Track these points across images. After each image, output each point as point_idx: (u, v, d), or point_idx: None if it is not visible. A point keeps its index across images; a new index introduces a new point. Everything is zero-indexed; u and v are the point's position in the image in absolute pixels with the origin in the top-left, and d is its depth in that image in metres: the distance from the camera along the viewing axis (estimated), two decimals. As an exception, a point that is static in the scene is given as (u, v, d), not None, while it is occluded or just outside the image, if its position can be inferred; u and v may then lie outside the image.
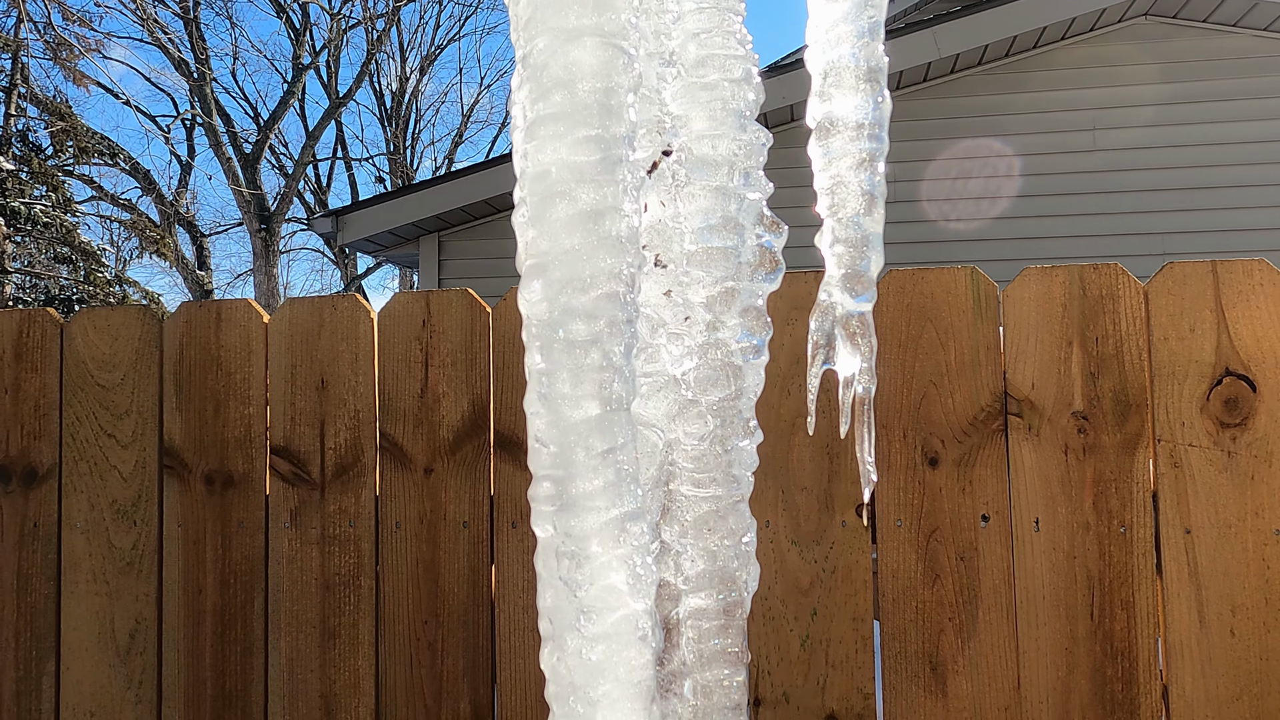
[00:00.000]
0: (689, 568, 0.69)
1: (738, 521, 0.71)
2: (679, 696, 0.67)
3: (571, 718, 0.56)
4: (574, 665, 0.56)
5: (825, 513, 1.54)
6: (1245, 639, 1.43)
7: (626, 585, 0.56)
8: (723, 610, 0.68)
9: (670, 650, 0.68)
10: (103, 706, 1.73)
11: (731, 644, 0.69)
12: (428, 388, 1.67)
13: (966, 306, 1.53)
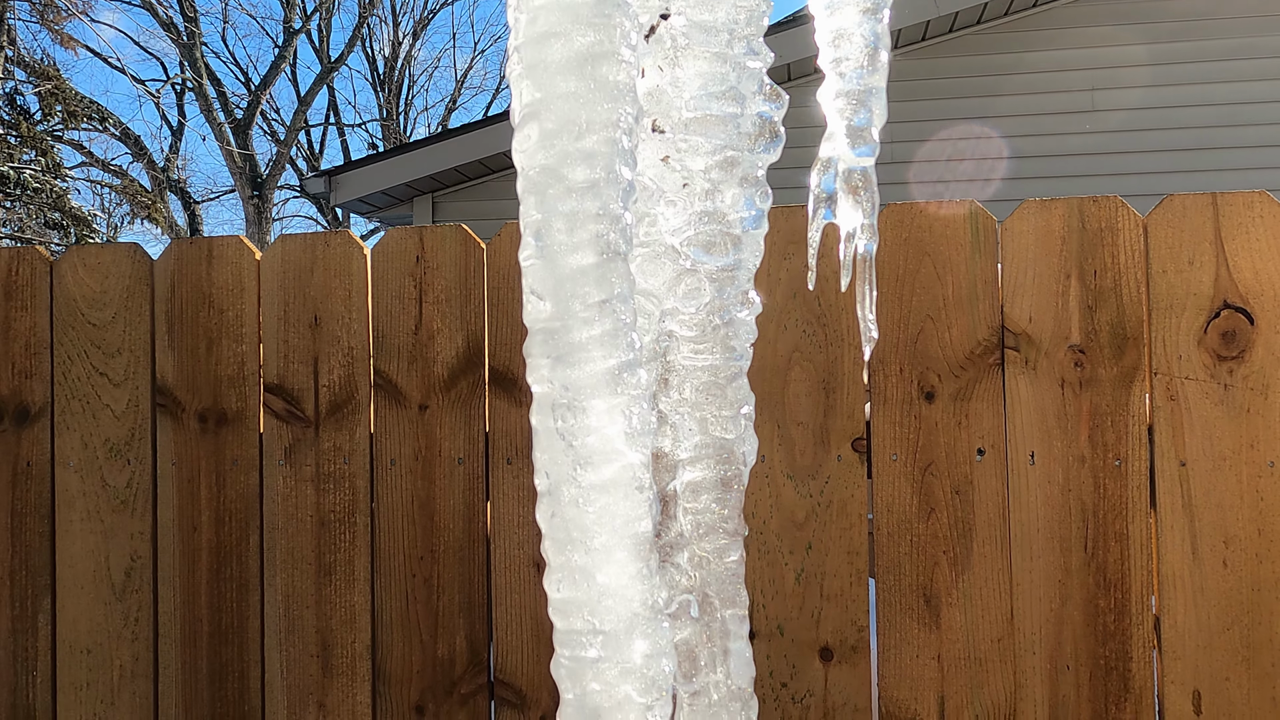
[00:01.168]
0: (686, 440, 0.69)
1: (735, 393, 0.70)
2: (676, 567, 0.67)
3: (569, 569, 0.55)
4: (571, 517, 0.56)
5: (821, 447, 1.54)
6: (1238, 570, 1.44)
7: (623, 436, 0.56)
8: (720, 483, 0.68)
9: (667, 522, 0.68)
10: (99, 644, 1.73)
11: (730, 515, 0.69)
12: (422, 324, 1.66)
13: (965, 240, 1.52)
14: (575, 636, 0.56)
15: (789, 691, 1.53)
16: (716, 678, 0.67)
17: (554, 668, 0.58)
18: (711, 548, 0.68)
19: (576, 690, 0.56)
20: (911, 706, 1.50)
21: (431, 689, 1.63)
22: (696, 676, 0.66)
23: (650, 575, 0.56)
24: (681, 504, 0.68)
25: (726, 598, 0.69)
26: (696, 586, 0.67)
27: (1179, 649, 1.45)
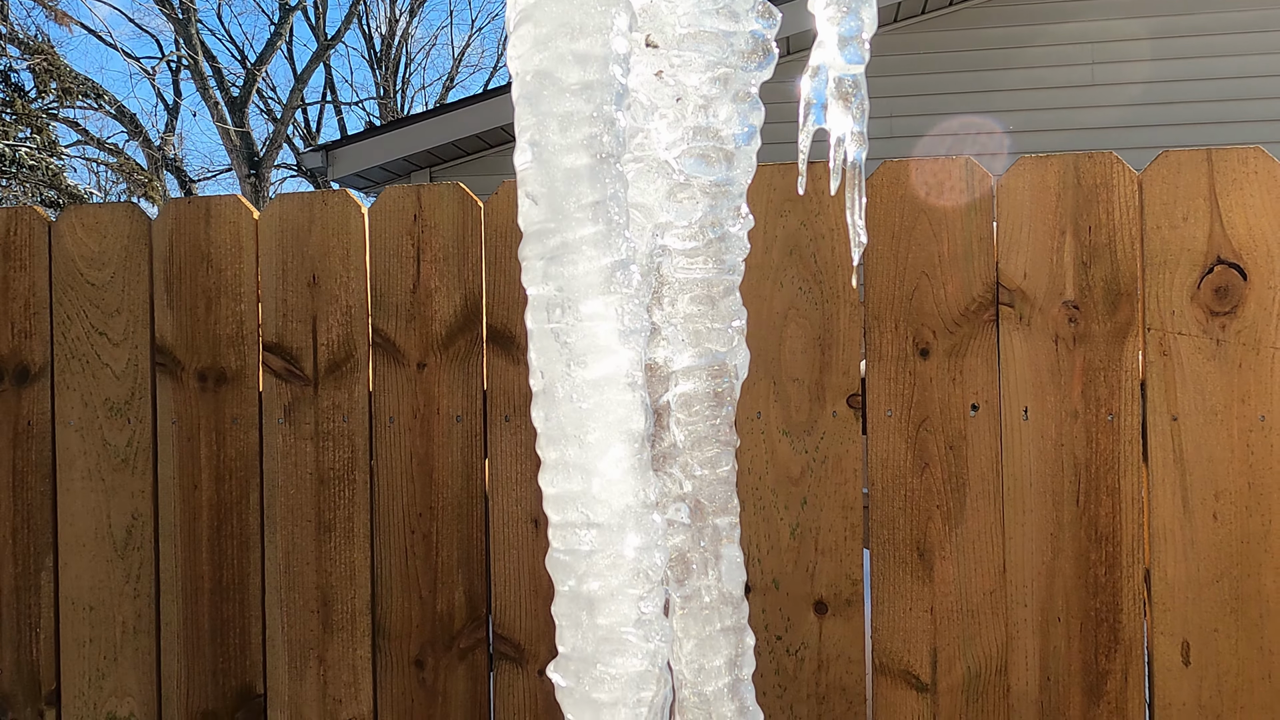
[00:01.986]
0: (679, 353, 0.70)
1: (728, 307, 0.71)
2: (670, 476, 0.68)
3: (564, 464, 0.56)
4: (565, 413, 0.57)
5: (816, 403, 1.55)
6: (1227, 523, 1.45)
7: (616, 334, 0.57)
8: (712, 394, 0.69)
9: (660, 433, 0.69)
10: (102, 600, 1.75)
11: (721, 427, 0.70)
12: (420, 283, 1.66)
13: (960, 197, 1.53)
14: (569, 530, 0.57)
15: (784, 644, 1.55)
16: (708, 581, 0.68)
17: (549, 561, 0.59)
18: (704, 457, 0.69)
19: (570, 583, 0.57)
20: (904, 658, 1.52)
21: (431, 643, 1.65)
22: (689, 580, 0.68)
23: (643, 470, 0.57)
24: (675, 415, 0.69)
25: (719, 505, 0.70)
26: (689, 494, 0.69)
27: (1169, 601, 1.47)
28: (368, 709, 1.67)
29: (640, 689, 0.56)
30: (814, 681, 1.55)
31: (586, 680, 0.56)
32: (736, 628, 0.70)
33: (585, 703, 0.56)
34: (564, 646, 0.58)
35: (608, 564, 0.56)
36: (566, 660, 0.58)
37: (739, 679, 0.70)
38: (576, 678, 0.57)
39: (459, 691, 1.64)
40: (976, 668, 1.51)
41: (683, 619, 0.69)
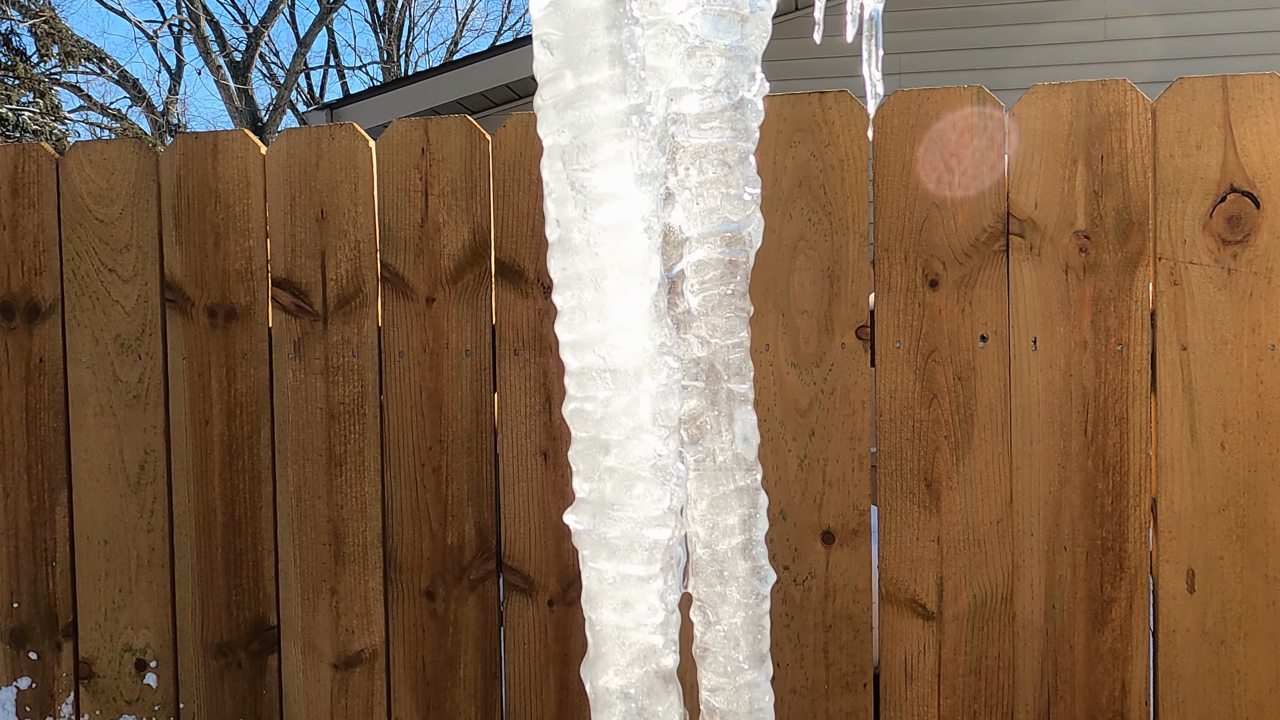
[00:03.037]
0: (694, 220, 0.70)
1: (743, 174, 0.71)
2: (684, 341, 0.68)
3: (581, 308, 0.57)
4: (582, 261, 0.57)
5: (825, 335, 1.55)
6: (1235, 452, 1.46)
7: (633, 178, 0.57)
8: (727, 262, 0.69)
9: (675, 299, 0.69)
10: (116, 535, 1.77)
11: (736, 293, 0.70)
12: (428, 217, 1.66)
13: (971, 127, 1.51)
14: (586, 376, 0.58)
15: (791, 574, 1.57)
16: (722, 443, 0.69)
17: (566, 410, 0.59)
18: (718, 323, 0.69)
19: (589, 430, 0.58)
20: (911, 587, 1.54)
21: (441, 575, 1.67)
22: (702, 440, 0.69)
23: (659, 316, 0.58)
24: (689, 282, 0.70)
25: (733, 370, 0.71)
26: (704, 360, 0.69)
27: (1175, 529, 1.47)
28: (380, 639, 1.69)
29: (655, 530, 0.57)
30: (821, 611, 1.56)
31: (602, 522, 0.57)
32: (750, 488, 0.71)
33: (601, 544, 0.57)
34: (580, 491, 0.59)
35: (624, 407, 0.56)
36: (583, 503, 0.58)
37: (752, 539, 0.71)
38: (592, 519, 0.57)
39: (470, 622, 1.67)
40: (982, 596, 1.52)
41: (697, 479, 0.70)
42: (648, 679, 0.58)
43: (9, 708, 1.82)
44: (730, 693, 0.69)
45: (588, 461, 0.58)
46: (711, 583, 0.70)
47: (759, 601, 0.71)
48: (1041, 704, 1.51)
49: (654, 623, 0.59)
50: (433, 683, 1.68)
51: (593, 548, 0.58)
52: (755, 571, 0.70)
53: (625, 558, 0.57)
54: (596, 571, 0.59)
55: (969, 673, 1.53)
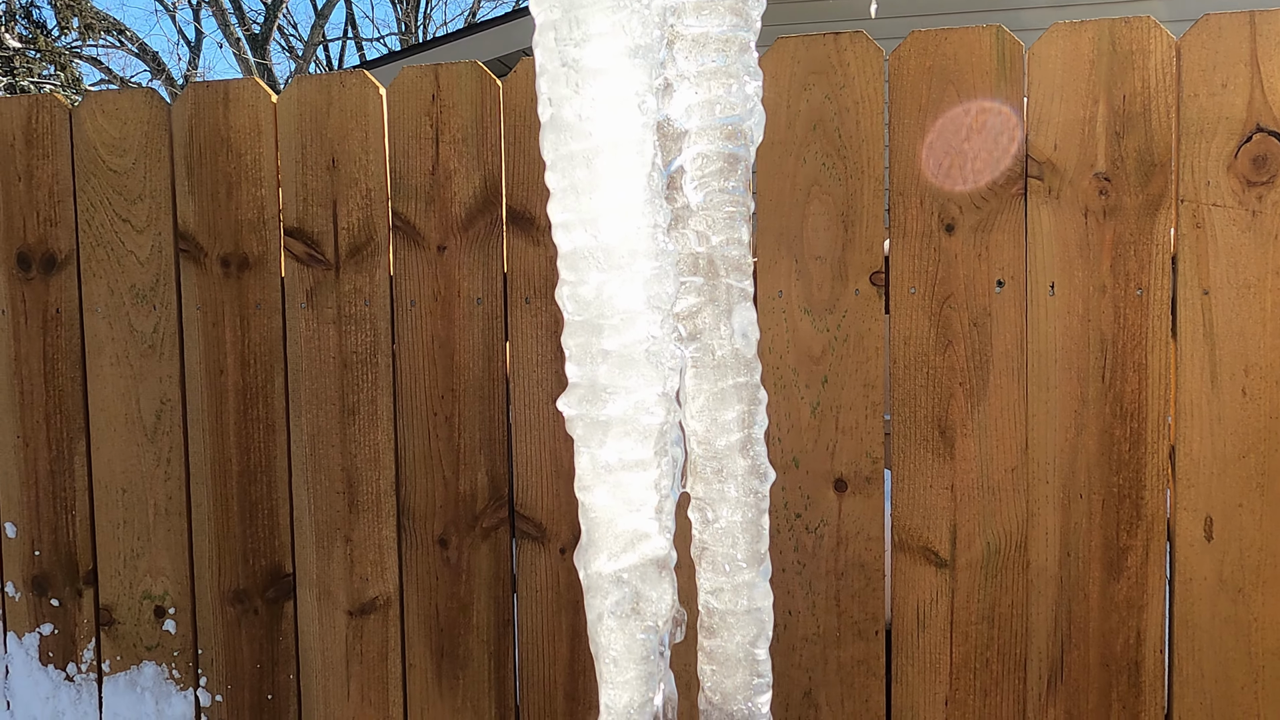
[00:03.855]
0: (692, 112, 0.68)
1: (744, 64, 0.69)
2: (682, 236, 0.67)
3: (573, 189, 0.56)
4: (574, 139, 0.56)
5: (839, 281, 1.54)
6: (1256, 398, 1.43)
7: (625, 50, 0.55)
8: (727, 156, 0.68)
9: (673, 194, 0.68)
10: (134, 483, 1.79)
11: (737, 188, 0.69)
12: (439, 164, 1.65)
13: (990, 67, 1.48)
14: (578, 257, 0.57)
15: (803, 522, 1.56)
16: (720, 337, 0.68)
17: (558, 292, 0.58)
18: (719, 217, 0.68)
19: (582, 313, 0.57)
20: (924, 535, 1.53)
21: (454, 523, 1.68)
22: (700, 336, 0.68)
23: (654, 197, 0.56)
24: (688, 176, 0.68)
25: (731, 265, 0.69)
26: (702, 255, 0.68)
27: (1193, 476, 1.45)
28: (394, 587, 1.70)
29: (649, 414, 0.56)
30: (833, 558, 1.56)
31: (595, 405, 0.56)
32: (748, 385, 0.70)
33: (593, 426, 0.56)
34: (573, 375, 0.58)
35: (617, 289, 0.55)
36: (575, 388, 0.58)
37: (751, 437, 0.70)
38: (585, 404, 0.57)
39: (482, 569, 1.67)
40: (996, 544, 1.51)
41: (695, 375, 0.69)
42: (642, 565, 0.58)
43: (32, 653, 1.85)
44: (729, 593, 0.68)
45: (581, 345, 0.57)
46: (709, 480, 0.69)
47: (758, 500, 0.70)
48: (1055, 652, 1.50)
49: (648, 508, 0.58)
50: (446, 630, 1.69)
51: (585, 431, 0.58)
52: (754, 470, 0.70)
53: (619, 441, 0.57)
54: (589, 455, 0.58)
55: (982, 620, 1.52)
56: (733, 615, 0.68)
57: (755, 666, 0.68)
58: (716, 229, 0.67)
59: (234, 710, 1.77)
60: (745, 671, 0.67)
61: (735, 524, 0.69)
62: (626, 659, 0.57)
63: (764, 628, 0.69)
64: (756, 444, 0.70)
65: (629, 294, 0.55)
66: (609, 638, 0.58)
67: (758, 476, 0.70)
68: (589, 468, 0.58)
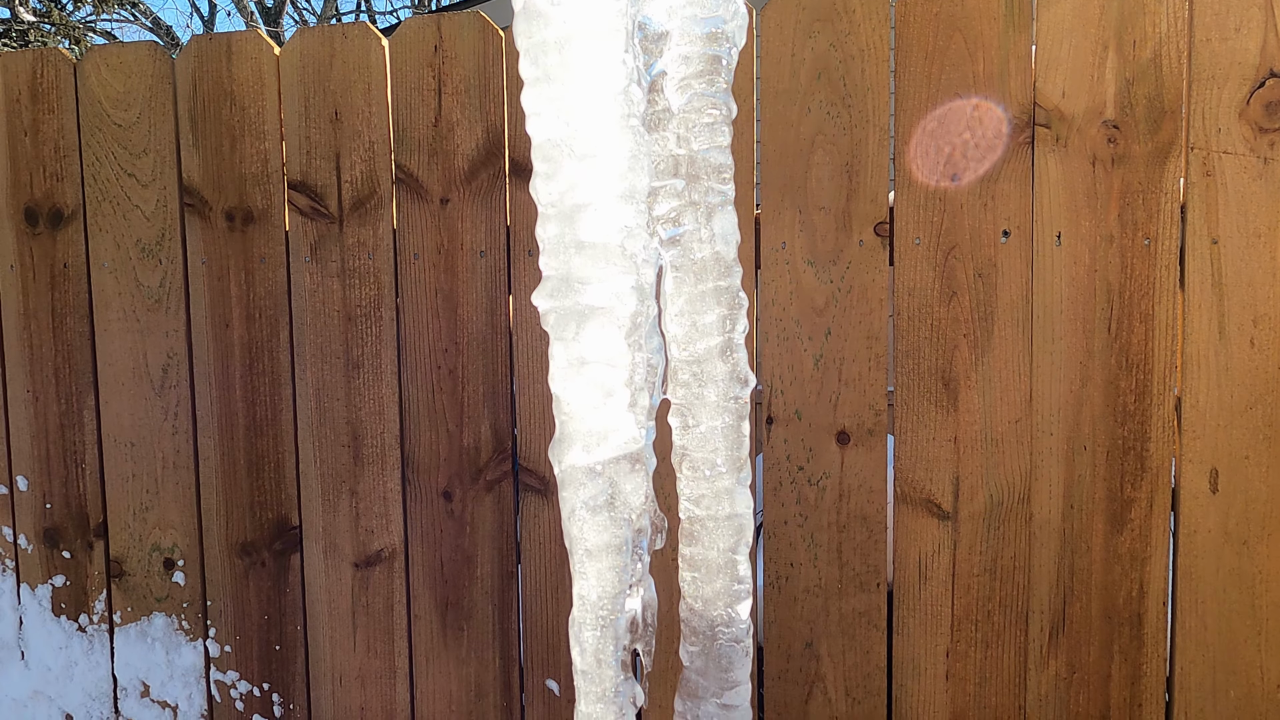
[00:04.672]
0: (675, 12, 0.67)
1: None
2: (663, 138, 0.67)
3: (547, 74, 0.55)
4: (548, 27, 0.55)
5: (843, 232, 1.52)
6: (1264, 349, 1.42)
7: None
8: (709, 59, 0.67)
9: (655, 95, 0.67)
10: (142, 437, 1.80)
11: (719, 90, 0.68)
12: (441, 116, 1.64)
13: (998, 13, 1.46)
14: (552, 147, 0.56)
15: (805, 474, 1.56)
16: (700, 239, 0.67)
17: (531, 184, 0.58)
18: (700, 123, 0.67)
19: (556, 204, 0.57)
20: (926, 487, 1.52)
21: (458, 475, 1.69)
22: (681, 240, 0.67)
23: (629, 85, 0.56)
24: (670, 79, 0.67)
25: (713, 170, 0.69)
26: (683, 157, 0.67)
27: (1199, 428, 1.44)
28: (399, 539, 1.71)
29: (623, 302, 0.56)
30: (835, 511, 1.56)
31: (568, 296, 0.56)
32: (729, 289, 0.70)
33: (567, 317, 0.56)
34: (547, 268, 0.58)
35: (591, 177, 0.55)
36: (548, 280, 0.58)
37: (731, 342, 0.70)
38: (559, 295, 0.57)
39: (486, 522, 1.68)
40: (999, 496, 1.50)
41: (675, 278, 0.69)
42: (616, 458, 0.58)
43: (45, 604, 1.88)
44: (709, 499, 0.68)
45: (555, 237, 0.57)
46: (689, 385, 0.69)
47: (738, 406, 0.70)
48: (1057, 604, 1.50)
49: (622, 401, 0.58)
50: (450, 581, 1.70)
51: (559, 323, 0.58)
52: (734, 375, 0.69)
53: (592, 333, 0.56)
54: (563, 348, 0.58)
55: (984, 573, 1.52)
56: (713, 521, 0.68)
57: (735, 572, 0.68)
58: (698, 133, 0.67)
59: (242, 660, 1.80)
60: (725, 577, 0.68)
61: (715, 429, 0.69)
62: (601, 550, 0.57)
63: (744, 534, 0.69)
64: (737, 350, 0.70)
65: (603, 184, 0.55)
66: (582, 529, 0.58)
67: (738, 382, 0.69)
68: (563, 361, 0.58)
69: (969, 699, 1.53)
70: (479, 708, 1.71)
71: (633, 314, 0.57)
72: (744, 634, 0.69)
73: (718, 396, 0.68)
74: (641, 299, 0.58)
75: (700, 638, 0.68)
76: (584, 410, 0.58)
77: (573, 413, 0.58)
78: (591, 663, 0.58)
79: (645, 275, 0.58)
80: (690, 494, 0.70)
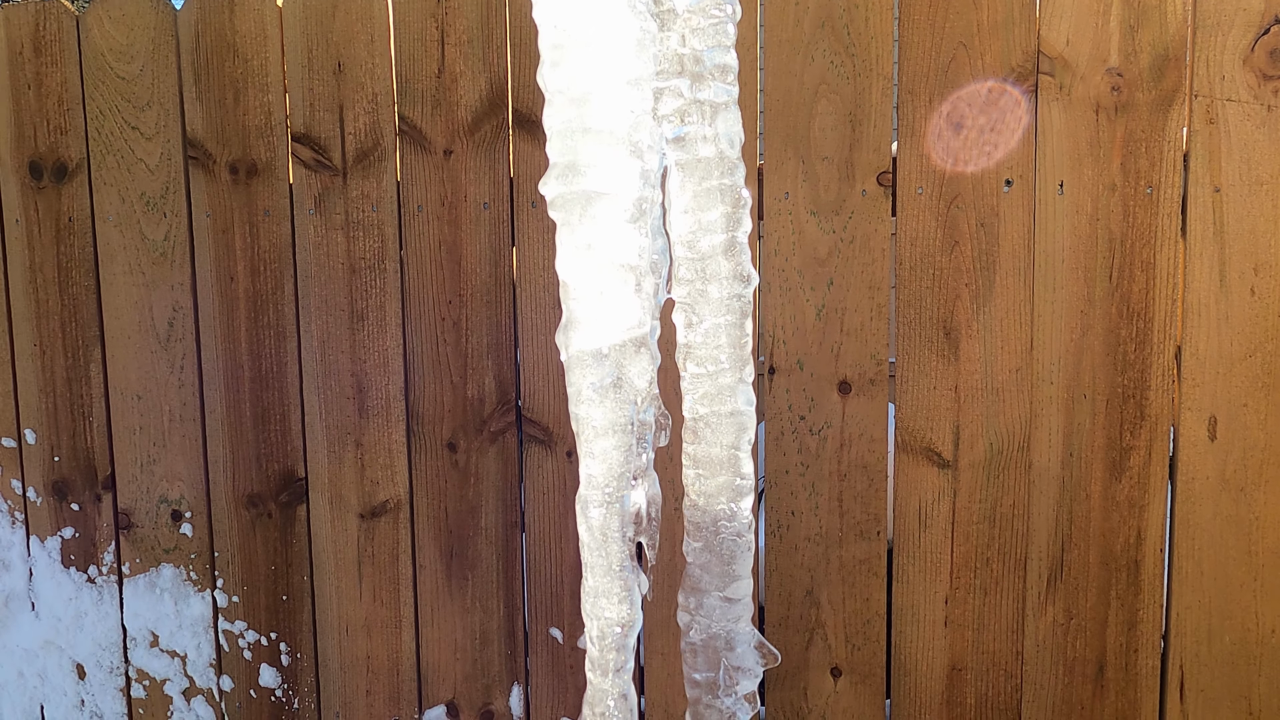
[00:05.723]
0: None
1: None
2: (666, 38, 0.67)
3: None
4: None
5: (845, 182, 1.53)
6: (1265, 297, 1.42)
7: None
8: None
9: None
10: (149, 390, 1.82)
11: None
12: (444, 68, 1.64)
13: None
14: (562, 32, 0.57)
15: (807, 424, 1.57)
16: (705, 135, 0.68)
17: (539, 71, 0.59)
18: (705, 22, 0.68)
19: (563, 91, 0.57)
20: (927, 436, 1.54)
21: (463, 427, 1.70)
22: (686, 140, 0.68)
23: None
24: None
25: (718, 70, 0.69)
26: (688, 56, 0.68)
27: (1198, 376, 1.45)
28: (404, 490, 1.73)
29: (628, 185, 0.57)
30: (836, 460, 1.57)
31: (574, 180, 0.57)
32: (733, 188, 0.70)
33: (573, 201, 0.57)
34: (554, 154, 0.59)
35: (601, 61, 0.55)
36: (555, 166, 0.58)
37: (734, 240, 0.71)
38: (565, 181, 0.57)
39: (490, 472, 1.70)
40: (999, 444, 1.52)
41: (680, 175, 0.70)
42: (622, 342, 0.59)
43: (55, 556, 1.90)
44: (712, 396, 0.70)
45: (562, 123, 0.57)
46: (693, 282, 0.70)
47: (742, 305, 0.71)
48: (1055, 551, 1.52)
49: (629, 285, 0.59)
50: (455, 531, 1.72)
51: (565, 208, 0.58)
52: (737, 273, 0.70)
53: (598, 216, 0.57)
54: (569, 233, 0.59)
55: (983, 520, 1.53)
56: (715, 418, 0.69)
57: (737, 468, 0.69)
58: (703, 35, 0.67)
59: (250, 611, 1.82)
60: (728, 473, 0.69)
61: (719, 326, 0.70)
62: (607, 429, 0.59)
63: (746, 431, 0.70)
64: (740, 249, 0.71)
65: (610, 69, 0.55)
66: (589, 410, 0.59)
67: (741, 280, 0.70)
68: (569, 246, 0.59)
69: (967, 645, 1.55)
70: (483, 656, 1.74)
71: (638, 199, 0.58)
72: (745, 529, 0.71)
73: (721, 293, 0.69)
74: (646, 184, 0.59)
75: (703, 532, 0.70)
76: (590, 294, 0.59)
77: (579, 297, 0.60)
78: (599, 538, 0.60)
79: (650, 161, 0.59)
80: (693, 391, 0.71)
